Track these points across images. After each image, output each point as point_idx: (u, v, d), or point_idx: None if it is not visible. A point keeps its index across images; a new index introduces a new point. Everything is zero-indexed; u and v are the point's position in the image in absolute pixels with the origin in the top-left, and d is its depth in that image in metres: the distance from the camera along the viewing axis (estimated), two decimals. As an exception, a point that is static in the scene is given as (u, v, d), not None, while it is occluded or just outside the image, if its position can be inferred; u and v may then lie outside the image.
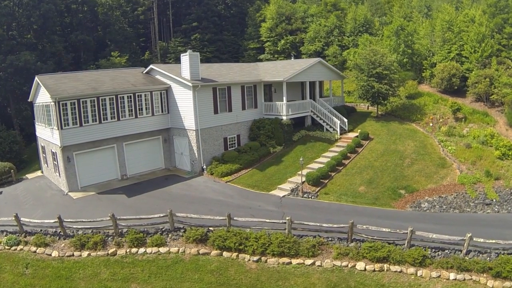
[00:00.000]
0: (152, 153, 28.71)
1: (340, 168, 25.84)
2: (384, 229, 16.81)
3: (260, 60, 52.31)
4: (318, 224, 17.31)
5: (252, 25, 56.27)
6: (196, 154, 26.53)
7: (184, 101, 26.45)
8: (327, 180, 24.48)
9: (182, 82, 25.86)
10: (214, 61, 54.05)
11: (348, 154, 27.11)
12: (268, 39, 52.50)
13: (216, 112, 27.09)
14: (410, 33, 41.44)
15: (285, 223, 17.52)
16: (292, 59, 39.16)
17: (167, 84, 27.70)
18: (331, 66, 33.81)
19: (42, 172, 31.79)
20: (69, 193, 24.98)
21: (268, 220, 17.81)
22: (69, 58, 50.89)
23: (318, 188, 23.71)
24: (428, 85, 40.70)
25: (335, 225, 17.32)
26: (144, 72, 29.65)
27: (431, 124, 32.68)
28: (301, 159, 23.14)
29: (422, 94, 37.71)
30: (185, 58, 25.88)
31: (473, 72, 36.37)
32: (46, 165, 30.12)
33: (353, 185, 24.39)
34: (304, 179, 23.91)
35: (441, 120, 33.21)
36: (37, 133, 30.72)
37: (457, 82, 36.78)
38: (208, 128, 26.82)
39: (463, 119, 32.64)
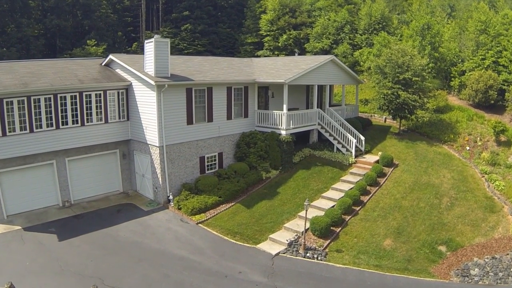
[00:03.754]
0: (106, 172, 21.01)
1: (357, 208, 18.21)
2: None
3: (258, 57, 44.60)
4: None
5: (251, 17, 48.41)
6: (160, 179, 18.84)
7: (146, 105, 18.76)
8: (340, 228, 16.85)
9: (144, 79, 18.13)
10: (206, 56, 46.36)
11: (368, 188, 19.51)
12: (268, 33, 44.67)
13: (190, 122, 19.33)
14: (436, 34, 33.86)
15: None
16: (296, 55, 31.50)
17: (128, 81, 19.98)
18: (346, 67, 26.05)
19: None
20: (-11, 224, 17.43)
21: (248, 321, 10.24)
22: (38, 45, 43.04)
23: (327, 242, 16.08)
24: (456, 97, 33.10)
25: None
26: (103, 64, 21.89)
27: (467, 148, 25.12)
28: (306, 202, 15.44)
29: (452, 108, 30.11)
30: (149, 46, 18.13)
31: (515, 84, 28.92)
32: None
33: (375, 237, 16.78)
34: (307, 225, 16.32)
35: (479, 143, 25.64)
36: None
37: (494, 96, 29.24)
38: (177, 144, 19.08)
39: (510, 145, 25.10)
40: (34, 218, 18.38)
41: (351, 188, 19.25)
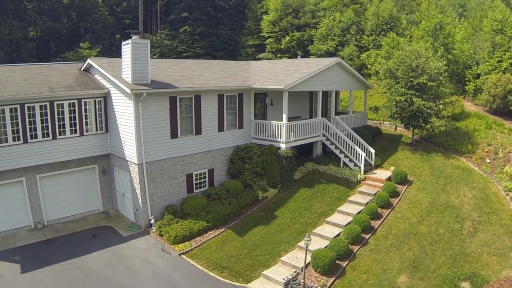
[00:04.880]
0: (84, 189, 18.46)
1: (367, 236, 15.47)
2: None
3: (260, 60, 41.94)
4: None
5: (252, 18, 45.79)
6: (140, 200, 16.23)
7: (124, 116, 16.20)
8: (347, 262, 14.13)
9: (120, 86, 15.54)
10: (206, 59, 43.85)
11: (379, 210, 16.76)
12: (270, 34, 42.01)
13: (174, 135, 16.69)
14: (449, 34, 31.05)
15: None
16: (299, 58, 28.82)
17: (106, 89, 17.43)
18: (353, 70, 23.21)
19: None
20: (-52, 250, 15.02)
21: None
22: (30, 48, 40.69)
23: (332, 280, 13.36)
24: (471, 102, 30.25)
25: None
26: (81, 69, 19.38)
27: (488, 161, 22.26)
28: (306, 237, 12.74)
29: (468, 115, 27.25)
30: (126, 48, 15.54)
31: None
32: None
33: (388, 273, 14.03)
34: (308, 259, 13.65)
35: (501, 155, 22.77)
36: None
37: (514, 101, 26.40)
38: (160, 161, 16.43)
39: (535, 156, 22.24)
40: (0, 243, 15.95)
41: (360, 211, 16.55)
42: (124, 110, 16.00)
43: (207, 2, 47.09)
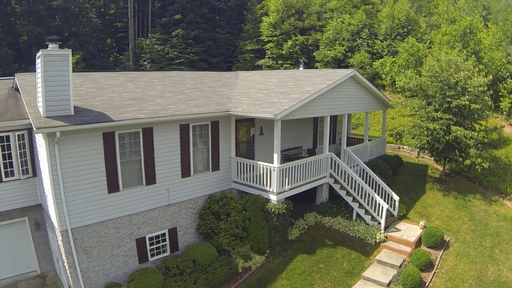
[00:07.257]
0: (14, 248, 13.44)
1: None
2: None
3: (259, 68, 36.81)
4: None
5: (252, 20, 40.53)
6: (71, 278, 11.17)
7: (43, 161, 11.16)
8: None
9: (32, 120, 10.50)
10: (200, 66, 38.88)
11: (407, 295, 11.53)
12: (271, 38, 36.70)
13: (114, 188, 11.40)
14: (481, 40, 25.68)
15: None
16: (301, 68, 23.55)
17: (29, 119, 12.45)
18: (372, 86, 17.46)
19: None
20: None
21: None
22: (4, 55, 35.95)
23: None
24: (507, 122, 24.74)
25: None
26: (13, 88, 14.45)
27: (542, 205, 16.90)
28: None
29: (507, 140, 21.73)
30: (38, 63, 10.49)
31: None
32: None
33: None
34: None
35: (558, 196, 17.37)
36: None
37: None
38: (94, 225, 11.24)
39: None
40: None
41: (380, 299, 11.36)
42: (41, 152, 10.94)
43: (203, 3, 42.03)
